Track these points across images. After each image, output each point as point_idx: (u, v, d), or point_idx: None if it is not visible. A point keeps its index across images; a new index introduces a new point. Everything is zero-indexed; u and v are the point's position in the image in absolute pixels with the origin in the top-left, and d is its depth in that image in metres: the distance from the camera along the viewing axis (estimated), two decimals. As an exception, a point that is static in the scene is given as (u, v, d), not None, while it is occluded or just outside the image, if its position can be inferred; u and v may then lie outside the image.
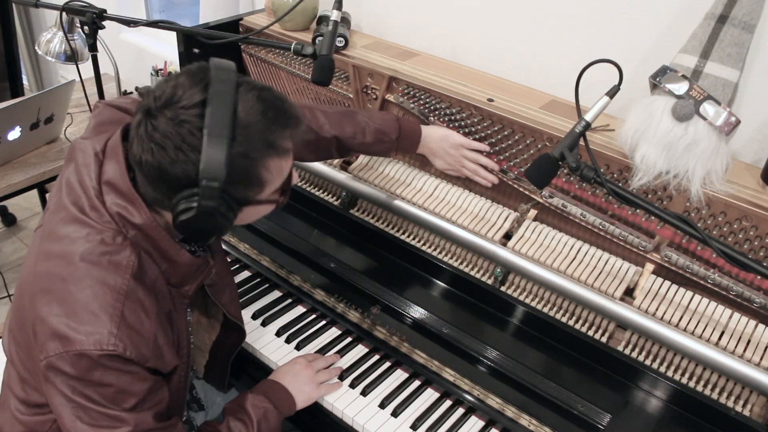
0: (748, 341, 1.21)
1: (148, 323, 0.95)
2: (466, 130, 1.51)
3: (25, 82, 3.45)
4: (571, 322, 1.34)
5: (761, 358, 1.19)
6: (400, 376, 1.34)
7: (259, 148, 0.91)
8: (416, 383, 1.33)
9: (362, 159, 1.66)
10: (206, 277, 1.09)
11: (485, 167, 1.50)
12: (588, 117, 1.13)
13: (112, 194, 0.96)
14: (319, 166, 1.65)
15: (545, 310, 1.37)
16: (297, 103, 1.43)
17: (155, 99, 0.89)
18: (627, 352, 1.28)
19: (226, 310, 1.21)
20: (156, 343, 0.96)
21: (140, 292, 0.95)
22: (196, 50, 1.79)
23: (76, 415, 0.92)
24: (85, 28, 1.73)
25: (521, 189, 1.47)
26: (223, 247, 1.59)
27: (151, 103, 0.89)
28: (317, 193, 1.68)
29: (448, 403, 1.29)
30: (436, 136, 1.49)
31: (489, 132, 1.47)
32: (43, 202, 2.75)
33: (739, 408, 1.19)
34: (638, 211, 1.34)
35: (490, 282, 1.43)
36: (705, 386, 1.23)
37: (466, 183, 1.56)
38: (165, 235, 0.98)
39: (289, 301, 1.51)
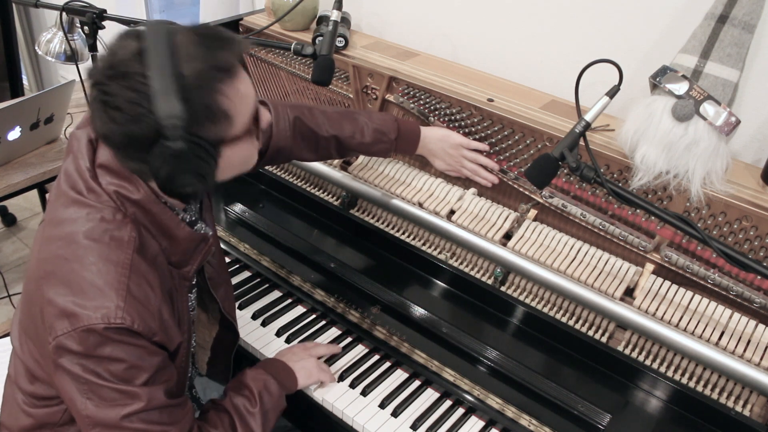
0: (748, 341, 1.21)
1: (153, 297, 0.96)
2: (466, 130, 1.51)
3: (25, 82, 3.45)
4: (571, 322, 1.34)
5: (761, 358, 1.19)
6: (400, 376, 1.34)
7: (207, 75, 0.88)
8: (416, 383, 1.33)
9: (362, 159, 1.66)
10: (206, 257, 1.09)
11: (485, 167, 1.50)
12: (588, 117, 1.13)
13: (107, 176, 0.96)
14: (318, 166, 1.65)
15: (545, 310, 1.37)
16: (297, 103, 1.43)
17: (98, 70, 0.88)
18: (627, 352, 1.28)
19: (221, 304, 1.22)
20: (162, 317, 0.97)
21: (143, 266, 0.95)
22: (196, 50, 1.79)
23: (87, 396, 0.92)
24: (85, 28, 1.73)
25: (521, 189, 1.47)
26: (223, 247, 1.60)
27: (96, 75, 0.88)
28: (317, 193, 1.68)
29: (448, 403, 1.29)
30: (435, 137, 1.49)
31: (489, 132, 1.47)
32: (43, 202, 2.75)
33: (739, 408, 1.19)
34: (638, 211, 1.34)
35: (490, 282, 1.43)
36: (705, 386, 1.23)
37: (467, 183, 1.56)
38: (164, 208, 0.98)
39: (289, 301, 1.51)
